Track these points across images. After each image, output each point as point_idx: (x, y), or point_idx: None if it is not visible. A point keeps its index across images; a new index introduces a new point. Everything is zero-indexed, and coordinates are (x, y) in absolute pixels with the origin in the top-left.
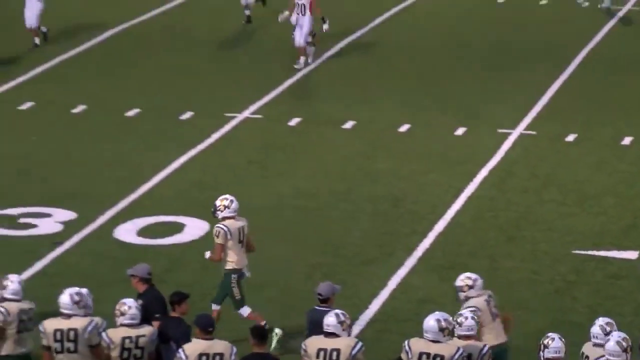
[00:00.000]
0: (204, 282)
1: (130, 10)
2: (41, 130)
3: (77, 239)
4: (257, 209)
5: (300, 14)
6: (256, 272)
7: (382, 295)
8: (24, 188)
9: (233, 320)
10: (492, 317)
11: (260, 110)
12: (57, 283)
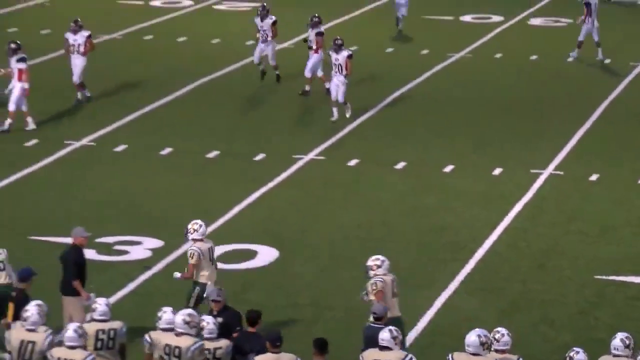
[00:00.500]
0: (274, 302)
1: (217, 62)
2: (134, 169)
3: (163, 264)
4: (321, 239)
5: (338, 72)
6: (325, 294)
7: (428, 314)
8: (119, 219)
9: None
10: (392, 294)
11: (323, 152)
12: (147, 303)
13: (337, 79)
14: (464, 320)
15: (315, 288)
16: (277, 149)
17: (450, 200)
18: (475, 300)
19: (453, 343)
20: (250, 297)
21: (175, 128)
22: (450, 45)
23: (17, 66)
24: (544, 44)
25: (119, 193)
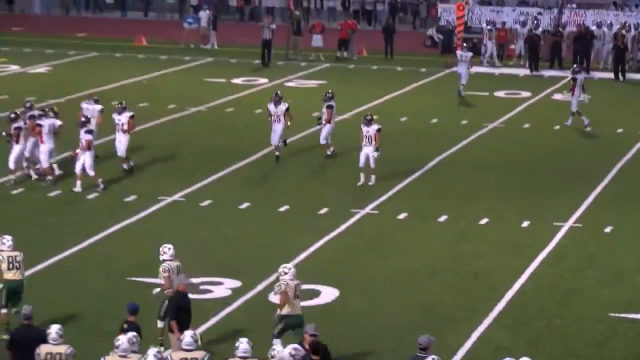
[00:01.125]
0: (336, 334)
1: (287, 132)
2: (217, 221)
3: (241, 301)
4: (375, 282)
5: (368, 144)
6: (379, 328)
7: (466, 345)
8: (204, 263)
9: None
10: (294, 296)
11: (377, 207)
12: (228, 336)
13: (367, 149)
14: (496, 350)
15: (370, 323)
16: (338, 204)
17: (484, 248)
18: (505, 333)
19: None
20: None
21: (252, 186)
22: (485, 116)
23: (85, 137)
24: (565, 116)
25: (204, 240)
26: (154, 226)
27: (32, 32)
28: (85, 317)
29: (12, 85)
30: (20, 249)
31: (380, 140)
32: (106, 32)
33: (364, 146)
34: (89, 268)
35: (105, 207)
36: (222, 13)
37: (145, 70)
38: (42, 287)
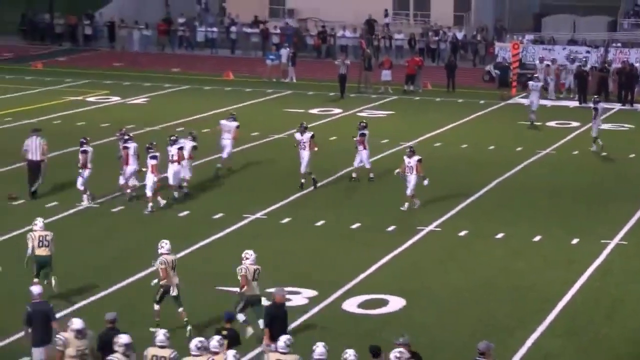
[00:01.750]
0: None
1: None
2: (296, 236)
3: (317, 309)
4: (438, 293)
5: (410, 173)
6: (441, 336)
7: (520, 351)
8: (284, 274)
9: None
10: (253, 278)
11: (440, 225)
12: (305, 341)
13: (410, 177)
14: (547, 357)
15: (432, 330)
16: (404, 222)
17: (537, 263)
18: (556, 342)
19: None
20: (383, 336)
21: (327, 205)
22: (538, 144)
23: (151, 162)
24: (611, 143)
25: (284, 254)
26: (238, 241)
27: (131, 67)
28: (175, 324)
29: (113, 114)
30: (119, 261)
31: (422, 169)
32: (197, 67)
33: (407, 175)
34: (181, 277)
35: (194, 224)
36: (301, 50)
37: (232, 101)
38: (137, 297)
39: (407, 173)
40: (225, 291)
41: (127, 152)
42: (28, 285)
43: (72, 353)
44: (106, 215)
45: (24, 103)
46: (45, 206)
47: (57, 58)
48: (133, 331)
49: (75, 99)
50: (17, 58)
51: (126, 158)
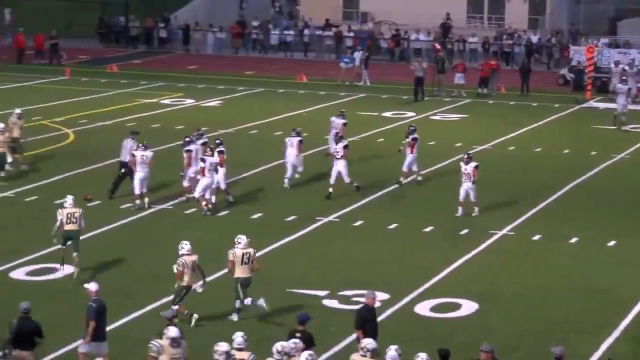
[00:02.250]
0: (474, 343)
1: (432, 159)
2: (368, 240)
3: (389, 312)
4: (511, 296)
5: (467, 180)
6: (514, 339)
7: (595, 354)
8: (356, 277)
9: None
10: (242, 262)
11: (513, 229)
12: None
13: (466, 184)
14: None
15: (505, 335)
16: (477, 225)
17: (612, 268)
18: (631, 345)
19: None
20: (456, 339)
21: (400, 208)
22: (613, 148)
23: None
24: None
25: (356, 257)
26: (311, 243)
27: (205, 70)
28: (247, 326)
29: (187, 116)
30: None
31: (478, 176)
32: (271, 70)
33: (463, 182)
34: (253, 280)
35: (267, 226)
36: (374, 53)
37: (305, 104)
38: (208, 298)
39: (463, 180)
40: (299, 294)
41: (190, 155)
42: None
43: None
44: (177, 217)
45: (99, 105)
46: (120, 207)
47: (132, 61)
48: (204, 331)
49: (150, 102)
50: (93, 61)
51: (189, 160)
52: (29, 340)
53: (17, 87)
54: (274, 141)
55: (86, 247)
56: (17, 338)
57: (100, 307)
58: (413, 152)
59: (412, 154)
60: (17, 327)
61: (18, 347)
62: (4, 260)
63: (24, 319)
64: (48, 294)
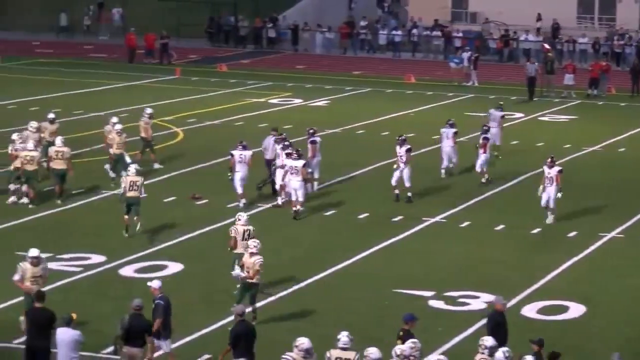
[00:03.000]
0: (586, 346)
1: (540, 160)
2: (474, 241)
3: None
4: (618, 299)
5: (549, 184)
6: (620, 340)
7: None
8: (463, 278)
9: None
10: (243, 238)
11: (622, 231)
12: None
13: (549, 189)
14: None
15: (612, 338)
16: (586, 227)
17: None
18: None
19: None
20: (566, 342)
21: (507, 210)
22: None
23: (292, 163)
24: None
25: (463, 258)
26: (417, 244)
27: (313, 69)
28: (354, 325)
29: (295, 116)
30: (299, 261)
31: (562, 182)
32: (379, 70)
33: (546, 187)
34: (358, 280)
35: (373, 226)
36: (483, 54)
37: (413, 104)
38: (312, 299)
39: (546, 185)
40: (405, 294)
41: (315, 147)
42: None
43: None
44: (287, 215)
45: (208, 104)
46: (226, 206)
47: (241, 60)
48: (313, 332)
49: (258, 101)
50: (203, 60)
51: (313, 152)
52: (140, 337)
53: (129, 86)
54: (380, 141)
55: (196, 243)
56: (128, 334)
57: (167, 304)
58: (486, 152)
59: (484, 154)
60: (129, 323)
61: (129, 344)
62: (114, 257)
63: (135, 315)
64: None
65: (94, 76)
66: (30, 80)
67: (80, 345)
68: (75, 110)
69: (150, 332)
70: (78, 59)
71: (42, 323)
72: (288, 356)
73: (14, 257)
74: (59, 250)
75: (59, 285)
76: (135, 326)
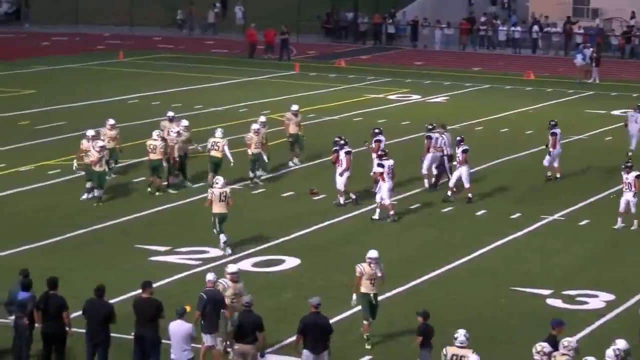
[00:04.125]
0: None
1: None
2: (593, 240)
3: (613, 314)
4: None
5: (627, 190)
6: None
7: None
8: (581, 277)
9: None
10: (219, 200)
11: None
12: (601, 344)
13: (627, 195)
14: None
15: None
16: None
17: None
18: None
19: None
20: None
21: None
22: None
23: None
24: None
25: (581, 256)
26: (536, 242)
27: (432, 66)
28: (471, 323)
29: (413, 112)
30: (416, 257)
31: (639, 187)
32: (498, 66)
33: (624, 192)
34: (475, 278)
35: (491, 223)
36: (604, 50)
37: (532, 101)
38: (428, 296)
39: (624, 190)
40: (523, 292)
41: (430, 143)
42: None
43: None
44: (405, 213)
45: (326, 100)
46: (331, 202)
47: (360, 56)
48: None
49: (377, 97)
50: (321, 56)
51: (428, 146)
52: (251, 334)
53: (249, 81)
54: (499, 138)
55: (313, 238)
56: (239, 331)
57: (211, 298)
58: (556, 147)
59: (554, 149)
60: (239, 320)
61: (240, 341)
62: (234, 251)
63: (246, 312)
64: (272, 284)
65: (215, 71)
66: (152, 75)
67: (192, 339)
68: (196, 105)
69: (262, 328)
70: (199, 54)
71: (149, 313)
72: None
73: (132, 249)
74: (178, 244)
75: (177, 279)
76: (245, 323)
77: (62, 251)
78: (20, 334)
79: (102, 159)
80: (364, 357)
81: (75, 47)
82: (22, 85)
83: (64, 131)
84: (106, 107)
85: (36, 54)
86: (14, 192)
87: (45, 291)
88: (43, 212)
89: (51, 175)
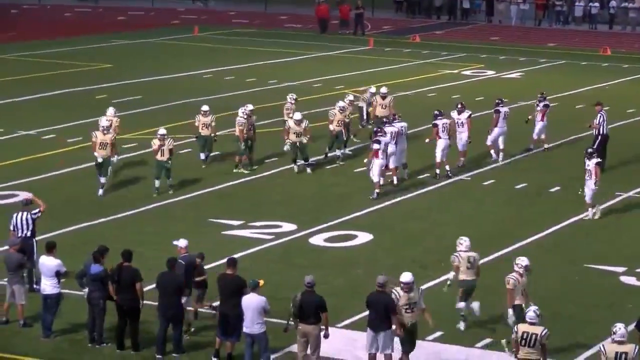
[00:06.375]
0: None
1: None
2: None
3: None
4: None
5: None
6: None
7: None
8: None
9: None
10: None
11: None
12: None
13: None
14: None
15: None
16: None
17: None
18: None
19: None
20: None
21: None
22: None
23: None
24: None
25: None
26: (610, 219)
27: (507, 41)
28: (543, 300)
29: (487, 88)
30: (482, 235)
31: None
32: (574, 42)
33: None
34: (548, 255)
35: (565, 201)
36: None
37: (608, 77)
38: (500, 273)
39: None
40: (598, 270)
41: (498, 116)
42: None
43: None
44: (477, 189)
45: (400, 75)
46: (417, 177)
47: (434, 31)
48: (500, 304)
49: (451, 72)
50: (396, 31)
51: (495, 121)
52: (313, 314)
53: (323, 56)
54: (574, 114)
55: (385, 214)
56: (301, 311)
57: (189, 265)
58: (543, 120)
59: (542, 121)
60: (300, 301)
61: (302, 321)
62: (304, 226)
63: (307, 292)
64: (344, 260)
65: (289, 46)
66: (226, 50)
67: (266, 312)
68: (270, 79)
69: (324, 309)
70: (273, 29)
71: (232, 289)
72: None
73: (206, 223)
74: (252, 219)
75: (250, 253)
76: (307, 303)
77: (137, 224)
78: (93, 306)
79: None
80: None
81: (150, 22)
82: (99, 59)
83: (141, 105)
84: (181, 81)
85: (112, 29)
86: (91, 165)
87: (119, 263)
88: (118, 186)
89: (126, 149)
